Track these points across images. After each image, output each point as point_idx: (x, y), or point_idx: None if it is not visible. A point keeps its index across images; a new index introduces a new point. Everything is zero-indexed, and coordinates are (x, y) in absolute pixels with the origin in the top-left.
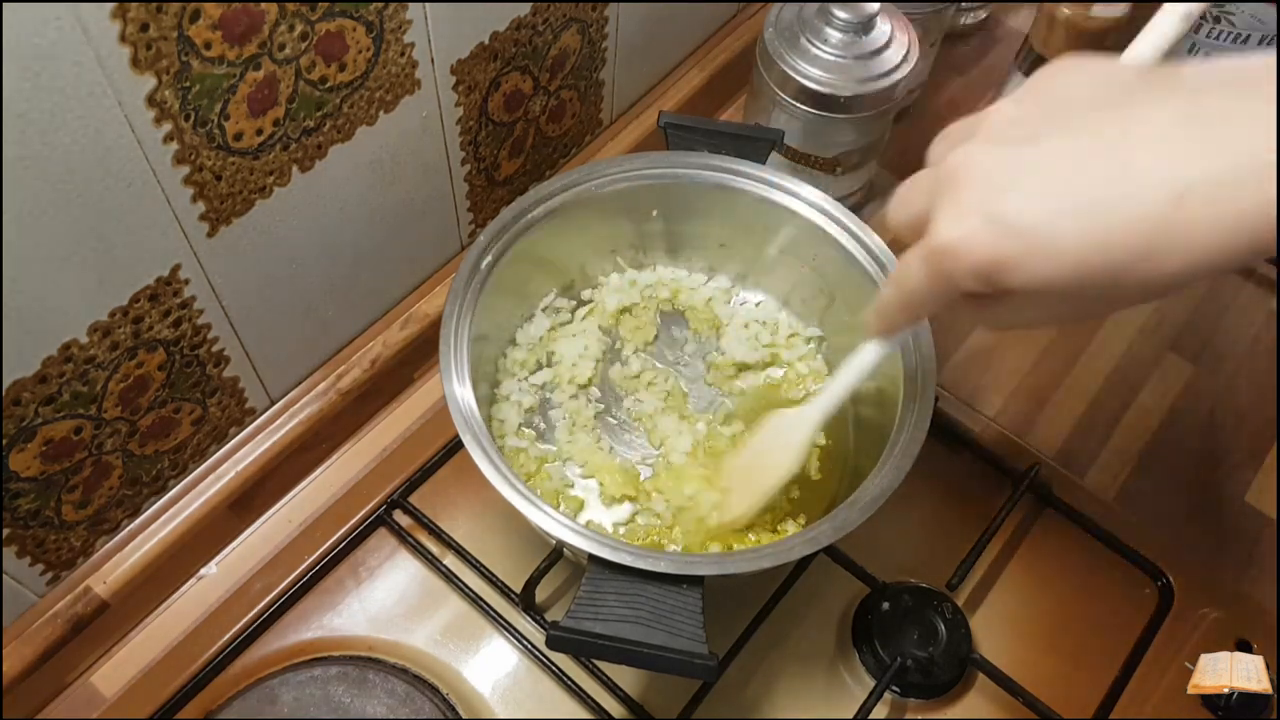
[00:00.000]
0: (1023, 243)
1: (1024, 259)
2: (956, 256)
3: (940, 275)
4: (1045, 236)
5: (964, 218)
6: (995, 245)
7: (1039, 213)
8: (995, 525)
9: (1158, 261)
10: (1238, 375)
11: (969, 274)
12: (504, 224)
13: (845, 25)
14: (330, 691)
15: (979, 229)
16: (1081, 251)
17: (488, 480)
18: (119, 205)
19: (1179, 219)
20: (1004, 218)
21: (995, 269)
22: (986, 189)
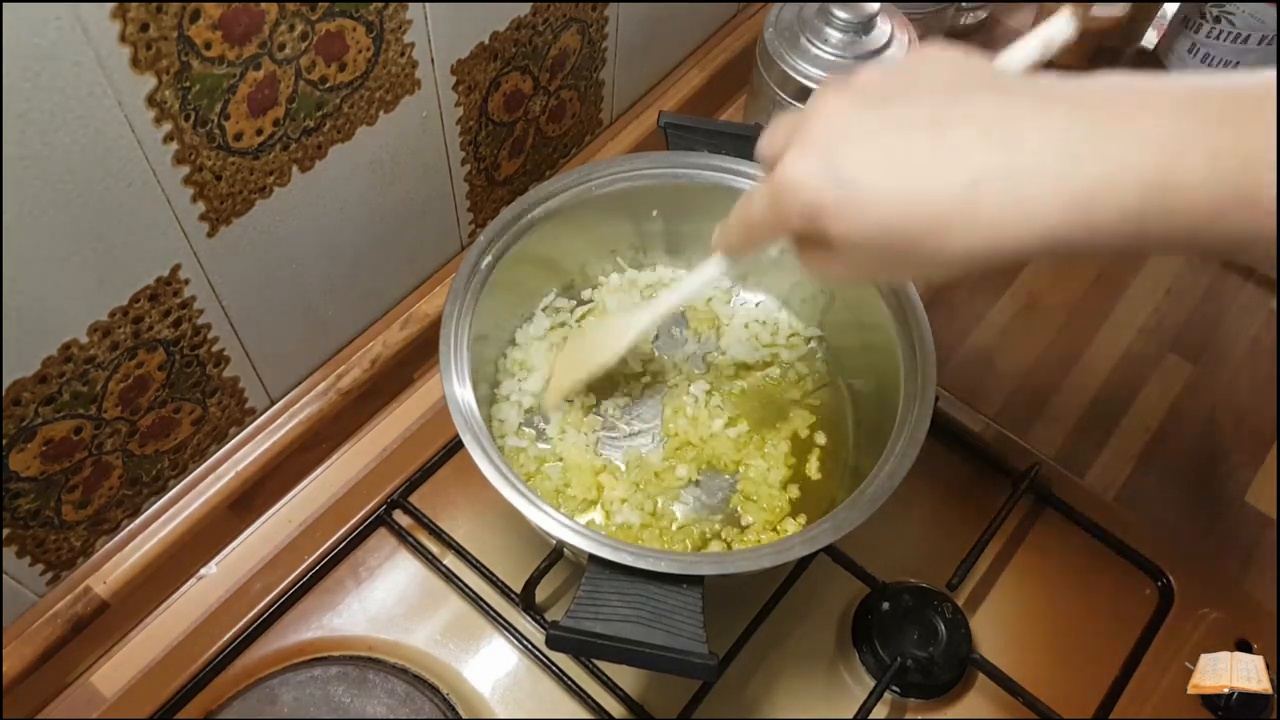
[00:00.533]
0: (844, 194)
1: (841, 209)
2: (792, 191)
3: (775, 207)
4: (863, 192)
5: (805, 159)
6: (822, 190)
7: (864, 170)
8: (995, 525)
9: (949, 238)
10: (1238, 375)
11: (796, 212)
12: (504, 224)
13: (845, 25)
14: (330, 691)
15: (814, 172)
16: (888, 213)
17: (488, 480)
18: (119, 205)
19: (970, 202)
20: (836, 167)
21: (818, 212)
22: (831, 138)
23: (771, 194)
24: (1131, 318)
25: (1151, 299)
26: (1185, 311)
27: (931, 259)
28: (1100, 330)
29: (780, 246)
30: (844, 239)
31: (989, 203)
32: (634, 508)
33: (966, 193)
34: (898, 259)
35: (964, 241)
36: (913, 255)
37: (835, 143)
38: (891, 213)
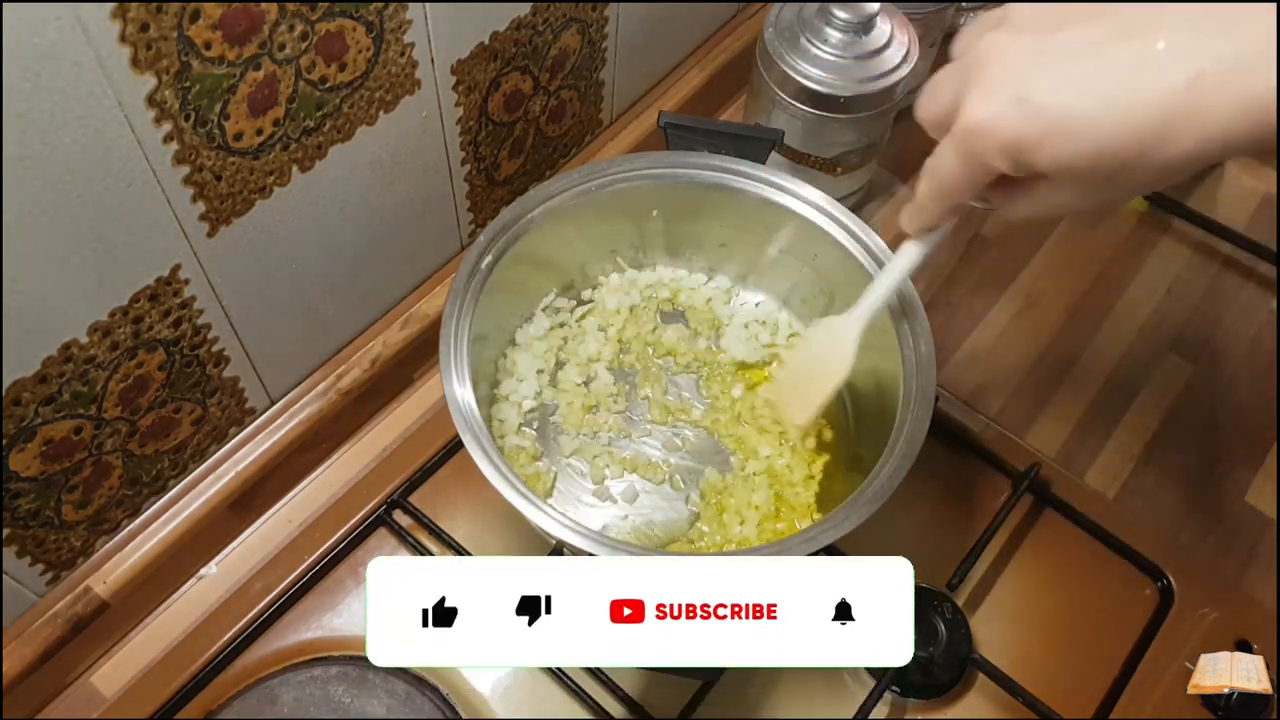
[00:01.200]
0: (1047, 122)
1: (1048, 138)
2: (986, 135)
3: (971, 156)
4: (1068, 117)
5: (992, 98)
6: (1022, 124)
7: (1063, 94)
8: (995, 525)
9: (1173, 141)
10: (1238, 375)
11: (998, 152)
12: (504, 224)
13: (845, 25)
14: (330, 691)
15: (1007, 108)
16: (1102, 132)
17: (488, 480)
18: (119, 205)
19: (1193, 100)
20: (1030, 98)
21: (1022, 147)
22: (1014, 72)
23: (962, 146)
24: (1131, 318)
25: (1151, 299)
26: (1185, 311)
27: (1158, 166)
28: (1100, 330)
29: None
30: (1058, 166)
31: (1214, 98)
32: None
33: (1188, 91)
34: (1118, 174)
35: (1192, 143)
36: (1137, 165)
37: (1022, 75)
38: (1107, 130)
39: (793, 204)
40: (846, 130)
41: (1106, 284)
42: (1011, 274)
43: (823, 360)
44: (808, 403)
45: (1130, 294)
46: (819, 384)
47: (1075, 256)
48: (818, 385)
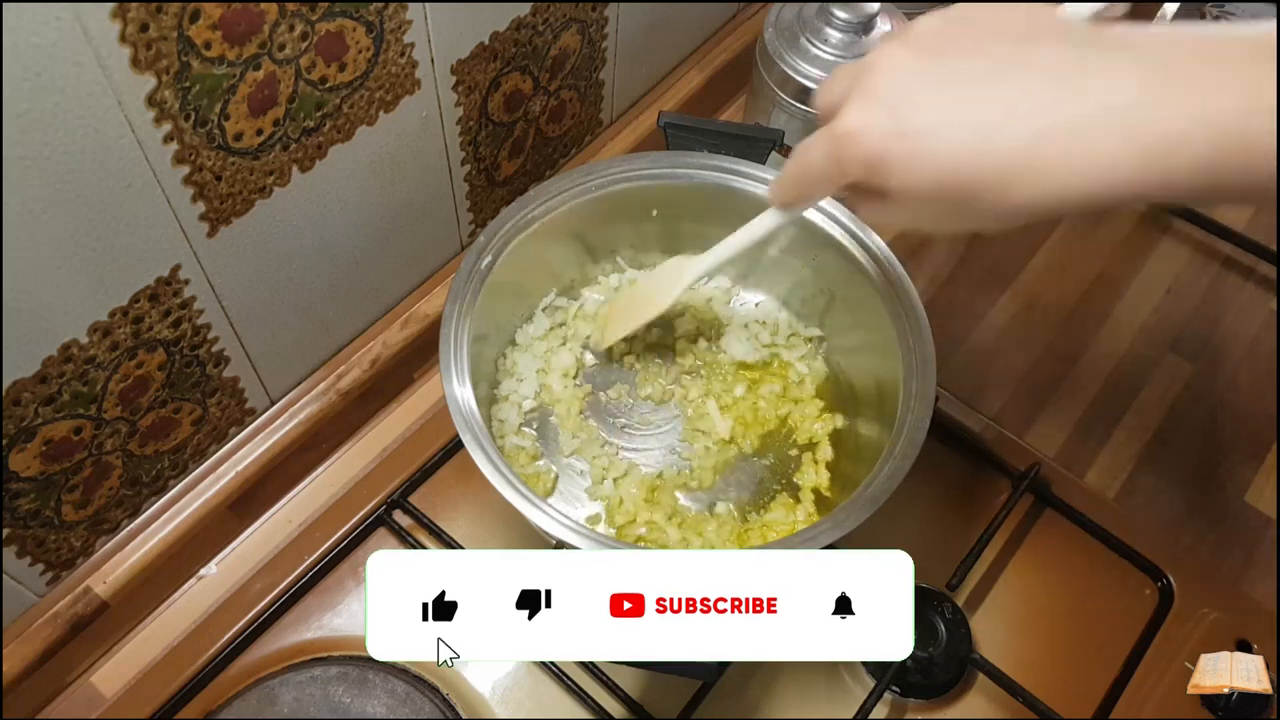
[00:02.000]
0: (907, 144)
1: (904, 159)
2: (852, 142)
3: (834, 158)
4: (926, 142)
5: (866, 110)
6: (885, 141)
7: (928, 120)
8: (995, 525)
9: (1013, 190)
10: (1238, 375)
11: (858, 161)
12: (504, 224)
13: (845, 25)
14: (330, 691)
15: (875, 122)
16: (951, 164)
17: (488, 480)
18: (119, 205)
19: (1035, 155)
20: (899, 118)
21: (880, 163)
22: (892, 89)
23: (831, 144)
24: (1131, 318)
25: (1151, 299)
26: (1185, 311)
27: (994, 210)
28: (1100, 330)
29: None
30: (906, 189)
31: (1055, 154)
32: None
33: (1032, 144)
34: (959, 209)
35: (1029, 193)
36: (975, 205)
37: (899, 93)
38: (955, 163)
39: None
40: None
41: (1106, 284)
42: (1011, 274)
43: (650, 293)
44: (620, 325)
45: (1130, 294)
46: (638, 312)
47: (1075, 256)
48: (636, 313)
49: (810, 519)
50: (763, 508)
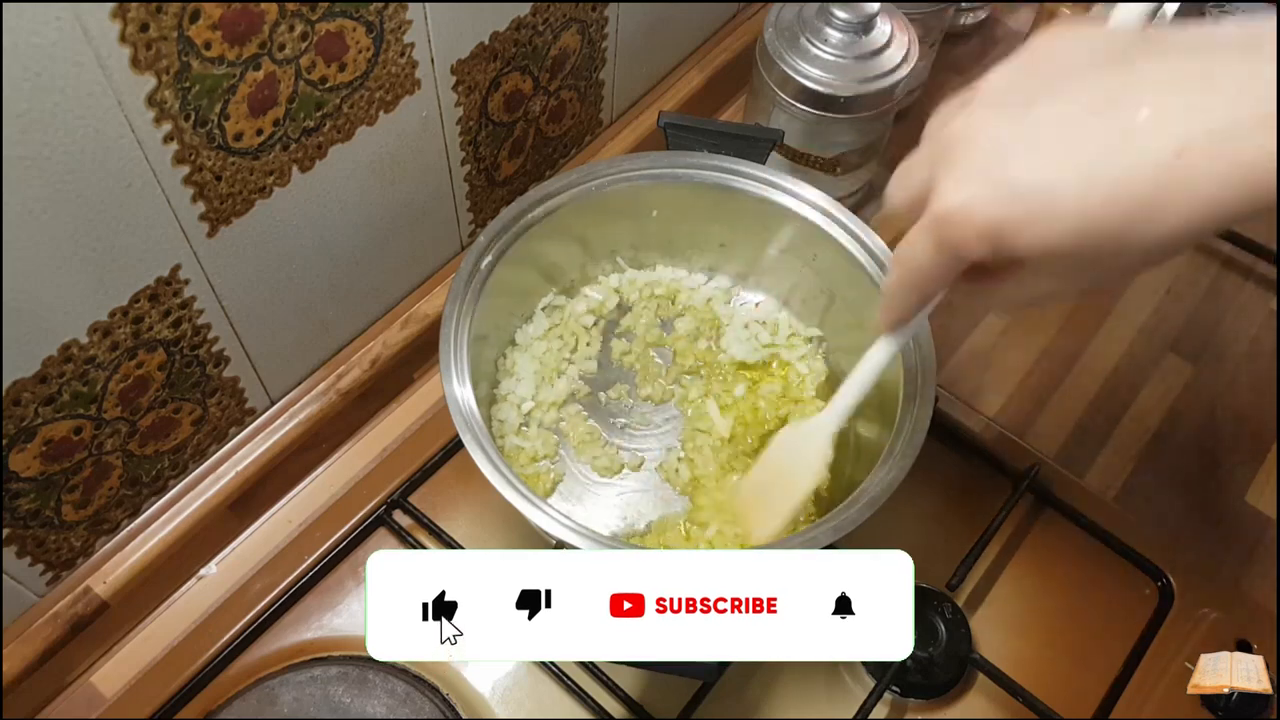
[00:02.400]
0: (1026, 205)
1: (1028, 221)
2: (962, 221)
3: (946, 244)
4: (1048, 197)
5: (966, 183)
6: (999, 208)
7: (1041, 174)
8: (995, 525)
9: (1161, 217)
10: (1238, 375)
11: (974, 238)
12: (504, 224)
13: (845, 25)
14: (330, 691)
15: (982, 193)
16: (1085, 211)
17: (488, 480)
18: (119, 205)
19: (1180, 173)
20: (1007, 180)
21: (1000, 232)
22: (987, 154)
23: (935, 233)
24: (1131, 318)
25: (1151, 299)
26: (1185, 311)
27: (1145, 244)
28: (1100, 330)
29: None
30: (1041, 249)
31: (1203, 169)
32: None
33: (1174, 162)
34: (1104, 255)
35: (1181, 217)
36: (1123, 244)
37: (996, 157)
38: (1090, 209)
39: (793, 204)
40: (846, 130)
41: None
42: None
43: (793, 468)
44: (775, 513)
45: (1130, 294)
46: (788, 493)
47: None
48: (787, 494)
49: (810, 519)
50: None
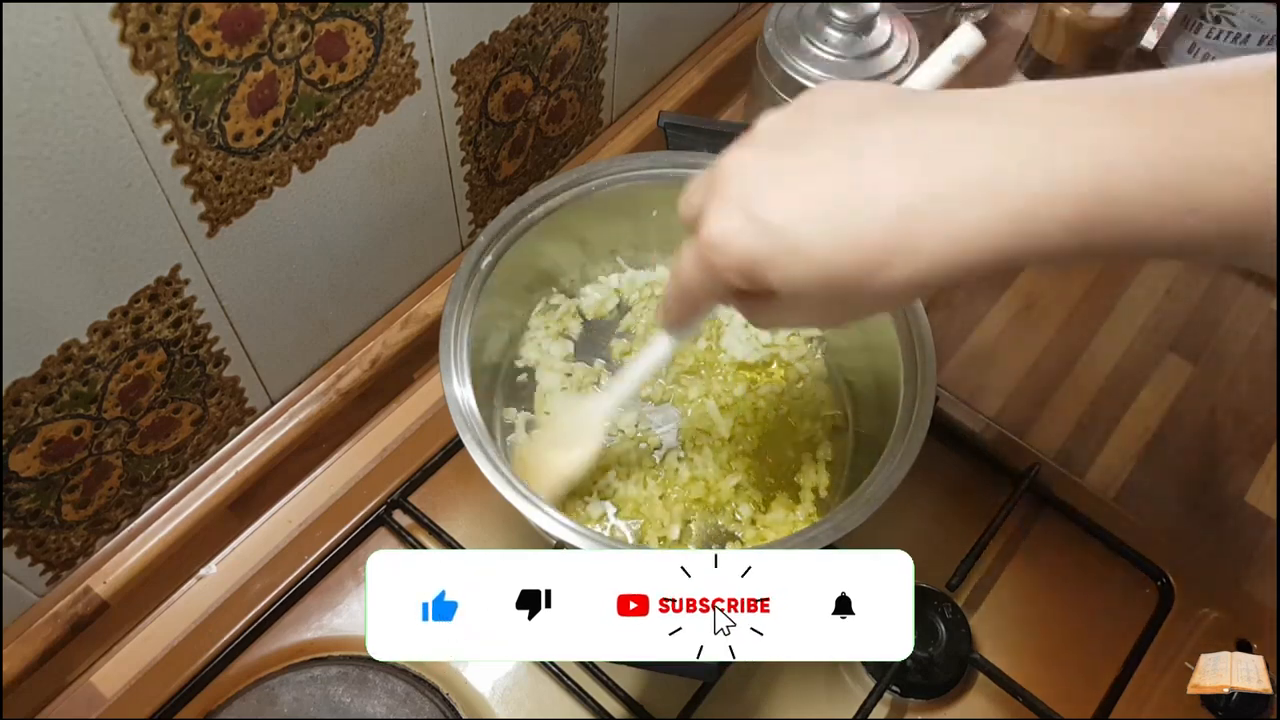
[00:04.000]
0: (777, 242)
1: (778, 258)
2: (720, 251)
3: (707, 268)
4: (795, 238)
5: (727, 215)
6: (753, 243)
7: (791, 215)
8: (995, 525)
9: (892, 268)
10: (1238, 375)
11: (731, 268)
12: (504, 224)
13: (845, 25)
14: (330, 691)
15: (739, 227)
16: (827, 255)
17: (488, 480)
18: (119, 205)
19: (904, 232)
20: (761, 217)
21: (753, 265)
22: (747, 189)
23: (701, 257)
24: (1131, 318)
25: (1151, 299)
26: (1185, 311)
27: (877, 293)
28: (1100, 330)
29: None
30: (787, 286)
31: (922, 229)
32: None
33: (898, 222)
34: (847, 297)
35: (906, 271)
36: (860, 291)
37: (752, 192)
38: (831, 254)
39: None
40: None
41: (1106, 284)
42: (1011, 274)
43: (568, 439)
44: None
45: (1130, 294)
46: (563, 460)
47: None
48: (562, 461)
49: (810, 519)
50: (762, 508)
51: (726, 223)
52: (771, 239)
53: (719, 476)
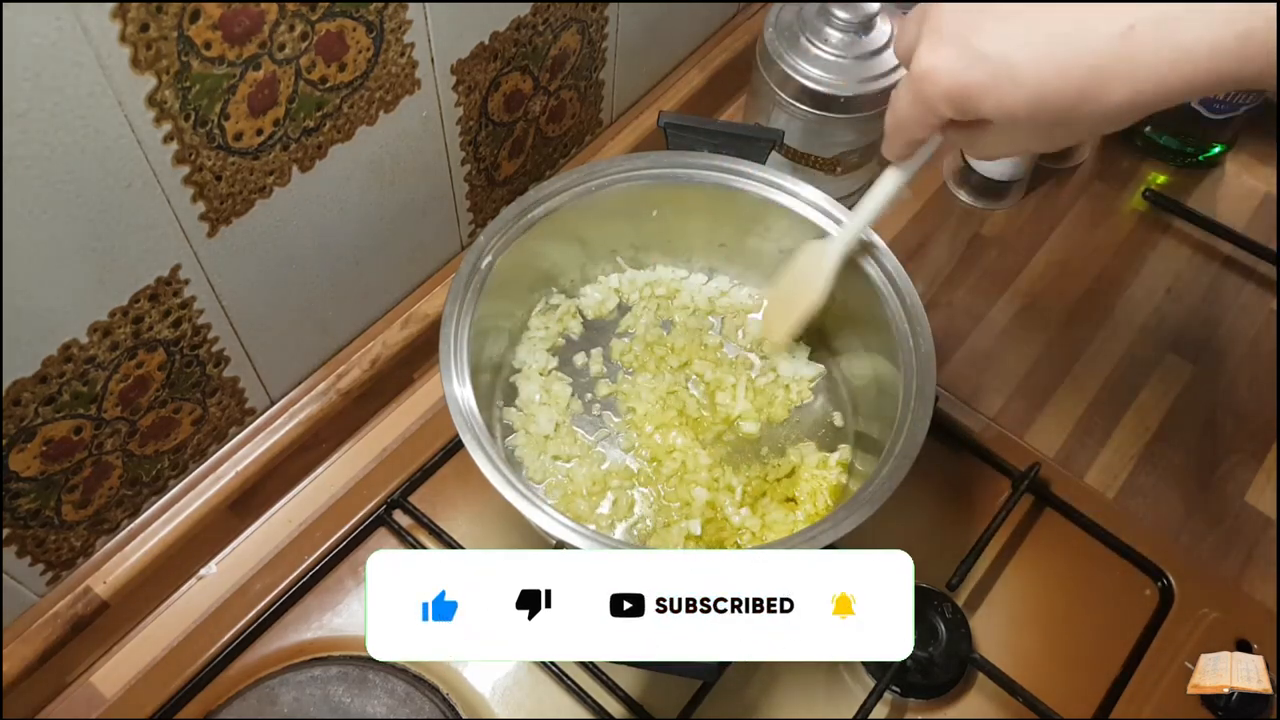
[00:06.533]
0: (989, 70)
1: (990, 86)
2: (932, 81)
3: (920, 99)
4: (1009, 65)
5: (939, 48)
6: (965, 72)
7: (1004, 44)
8: (995, 525)
9: (1109, 91)
10: (1238, 375)
11: (943, 98)
12: (504, 224)
13: (845, 25)
14: (330, 691)
15: (951, 57)
16: (1040, 80)
17: (488, 480)
18: (119, 205)
19: (1126, 49)
20: (973, 48)
21: (965, 94)
22: (962, 23)
23: (913, 88)
24: (1131, 318)
25: (1151, 299)
26: (1185, 311)
27: (1095, 114)
28: (1100, 330)
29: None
30: (1001, 113)
31: (1148, 48)
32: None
33: (1122, 41)
34: (1061, 120)
35: (1128, 92)
36: (1076, 113)
37: (968, 24)
38: (1047, 75)
39: (793, 204)
40: (846, 130)
41: (1106, 284)
42: (1011, 274)
43: (802, 282)
44: (786, 321)
45: (1130, 294)
46: (798, 304)
47: (1075, 256)
48: (796, 305)
49: (810, 519)
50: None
51: (937, 54)
52: (984, 68)
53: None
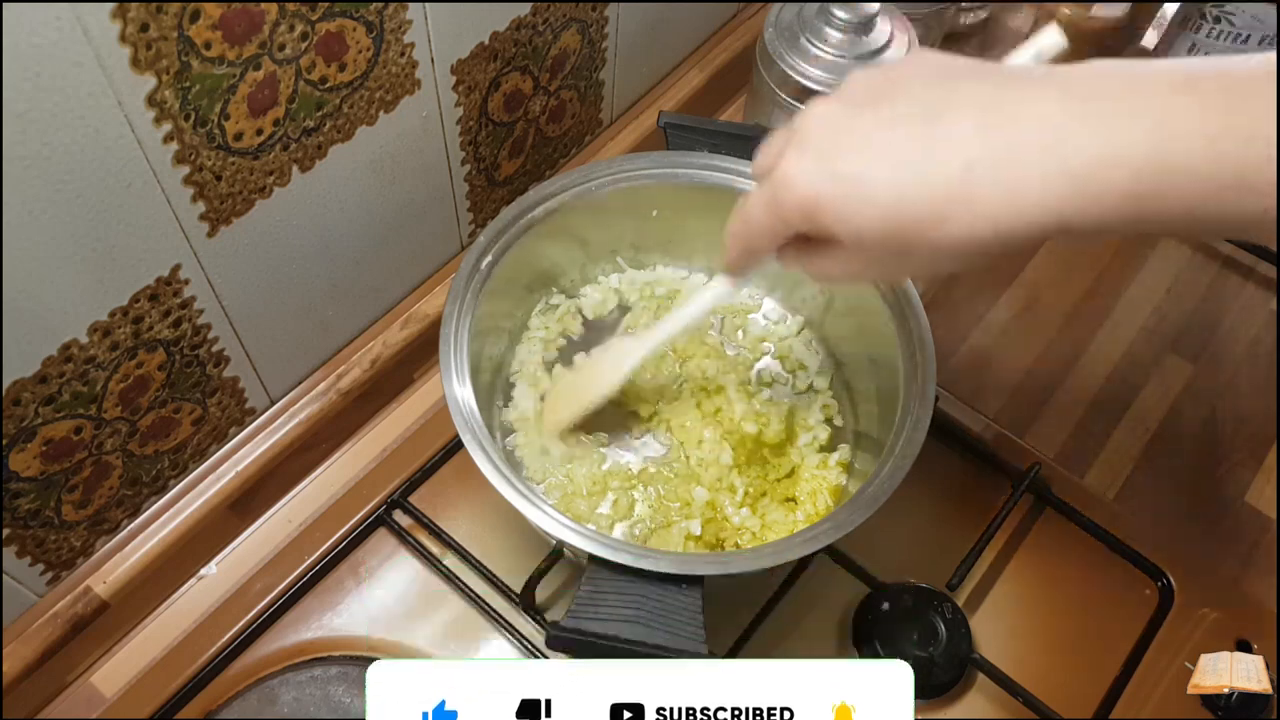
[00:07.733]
0: (843, 187)
1: (843, 201)
2: (789, 188)
3: (774, 205)
4: (861, 185)
5: (801, 159)
6: (822, 183)
7: (860, 164)
8: (995, 525)
9: (949, 224)
10: (1238, 375)
11: (797, 206)
12: (504, 224)
13: (845, 25)
14: (330, 691)
15: (810, 169)
16: (888, 204)
17: (488, 480)
18: (119, 205)
19: (967, 187)
20: (832, 163)
21: (818, 204)
22: (824, 140)
23: (769, 195)
24: (1131, 318)
25: (1151, 299)
26: (1185, 311)
27: (935, 247)
28: (1100, 330)
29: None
30: (846, 231)
31: (985, 186)
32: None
33: (962, 177)
34: (901, 250)
35: (964, 227)
36: (916, 245)
37: (830, 142)
38: (890, 200)
39: None
40: None
41: (1106, 284)
42: (1011, 274)
43: (596, 376)
44: (568, 409)
45: (1130, 294)
46: (584, 396)
47: (1075, 256)
48: (583, 397)
49: (810, 519)
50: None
51: (799, 164)
52: (839, 184)
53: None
